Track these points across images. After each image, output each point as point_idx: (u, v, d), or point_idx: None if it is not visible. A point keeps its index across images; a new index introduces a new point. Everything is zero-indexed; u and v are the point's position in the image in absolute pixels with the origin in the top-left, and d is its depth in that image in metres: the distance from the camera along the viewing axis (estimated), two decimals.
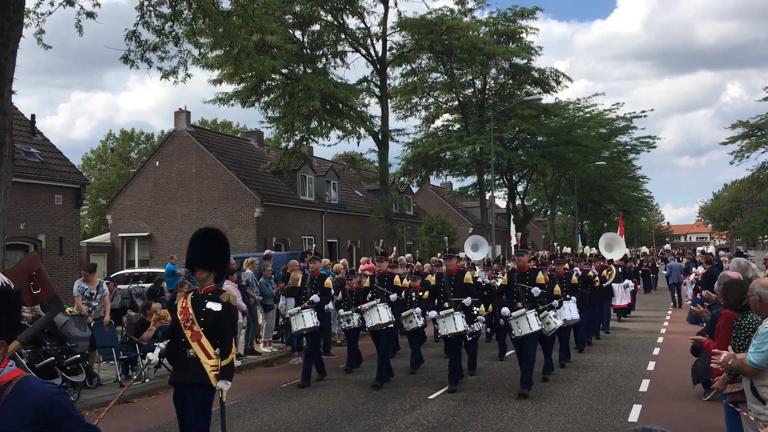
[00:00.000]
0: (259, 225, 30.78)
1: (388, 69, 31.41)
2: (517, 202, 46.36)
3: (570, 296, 12.83)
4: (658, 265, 36.15)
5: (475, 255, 17.99)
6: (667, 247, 53.48)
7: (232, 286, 13.39)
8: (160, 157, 33.08)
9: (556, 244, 24.23)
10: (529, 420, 8.67)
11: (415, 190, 50.01)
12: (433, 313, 10.73)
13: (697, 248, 31.92)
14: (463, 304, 10.50)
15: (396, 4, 29.76)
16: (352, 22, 29.87)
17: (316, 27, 29.26)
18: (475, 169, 38.58)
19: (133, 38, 13.90)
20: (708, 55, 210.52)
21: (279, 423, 8.85)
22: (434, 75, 35.82)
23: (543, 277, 10.43)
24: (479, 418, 8.79)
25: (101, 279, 12.31)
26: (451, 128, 38.84)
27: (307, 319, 11.17)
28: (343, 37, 29.75)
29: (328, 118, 27.50)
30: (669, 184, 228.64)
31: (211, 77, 27.36)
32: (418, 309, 12.01)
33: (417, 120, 39.90)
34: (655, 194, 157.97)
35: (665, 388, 10.50)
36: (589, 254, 19.48)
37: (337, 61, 30.43)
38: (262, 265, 15.13)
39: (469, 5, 33.23)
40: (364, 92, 30.39)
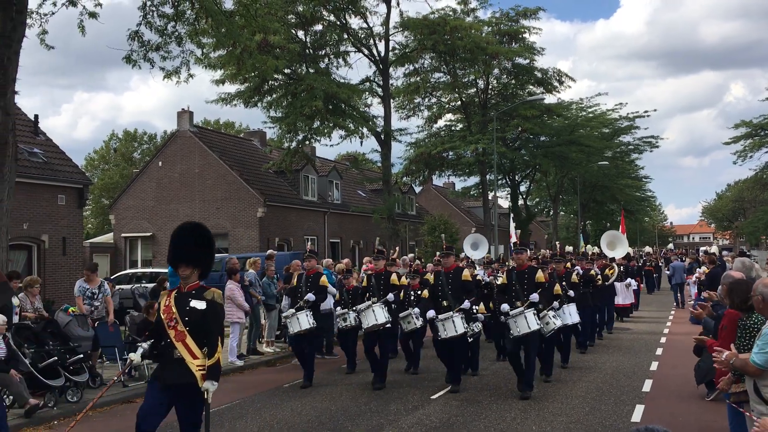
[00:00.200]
0: (261, 225, 30.81)
1: (391, 69, 31.42)
2: (520, 202, 46.32)
3: (570, 295, 12.57)
4: (660, 265, 36.08)
5: (474, 254, 17.98)
6: (671, 247, 53.32)
7: (235, 286, 13.43)
8: (163, 158, 33.15)
9: (557, 243, 24.19)
10: (532, 420, 8.66)
11: (417, 190, 50.01)
12: (431, 312, 10.46)
13: (700, 248, 31.87)
14: (462, 308, 10.29)
15: (398, 4, 29.90)
16: (355, 22, 29.93)
17: (318, 27, 29.31)
18: (478, 169, 38.57)
19: (136, 38, 13.93)
20: (711, 55, 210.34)
21: (282, 423, 8.85)
22: (437, 75, 35.88)
23: (543, 275, 10.29)
24: (482, 418, 8.79)
25: (102, 279, 12.31)
26: (453, 128, 38.86)
27: (303, 321, 10.97)
28: (346, 37, 29.78)
29: (331, 118, 27.53)
30: (672, 184, 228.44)
31: (213, 77, 27.46)
32: (417, 309, 11.63)
33: (420, 120, 39.89)
34: (658, 194, 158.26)
35: (668, 389, 10.48)
36: (591, 253, 19.41)
37: (340, 61, 30.49)
38: (265, 265, 15.14)
39: (472, 5, 33.30)
40: (367, 92, 30.43)
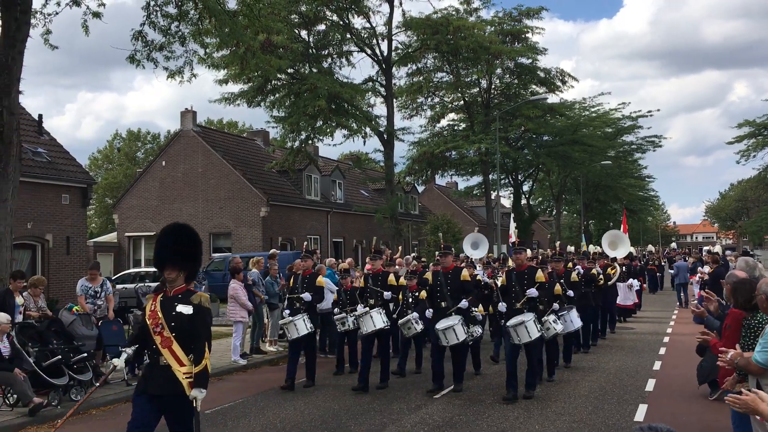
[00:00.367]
0: (264, 224, 30.86)
1: (394, 68, 31.47)
2: (523, 201, 46.31)
3: (570, 295, 12.31)
4: (663, 264, 36.02)
5: (474, 253, 17.80)
6: (673, 246, 53.16)
7: (239, 285, 13.46)
8: (166, 157, 33.22)
9: (557, 243, 24.07)
10: (535, 419, 8.67)
11: (420, 189, 50.03)
12: (430, 311, 10.29)
13: (704, 248, 31.80)
14: (460, 308, 10.10)
15: (401, 4, 30.01)
16: (358, 22, 29.99)
17: (321, 27, 29.38)
18: (481, 169, 38.58)
19: (140, 38, 13.97)
20: (714, 55, 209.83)
21: (285, 422, 8.87)
22: (440, 74, 35.93)
23: (542, 275, 10.09)
24: (484, 417, 8.79)
25: (104, 277, 12.35)
26: (456, 128, 38.87)
27: (300, 327, 10.75)
28: (349, 36, 29.82)
29: (334, 118, 27.58)
30: (675, 184, 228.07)
31: (217, 77, 27.55)
32: (416, 314, 11.30)
33: (422, 119, 40.07)
34: (661, 194, 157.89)
35: (671, 388, 10.47)
36: (593, 252, 19.29)
37: (343, 60, 30.54)
38: (268, 265, 15.16)
39: (475, 5, 33.35)
40: (370, 92, 30.46)
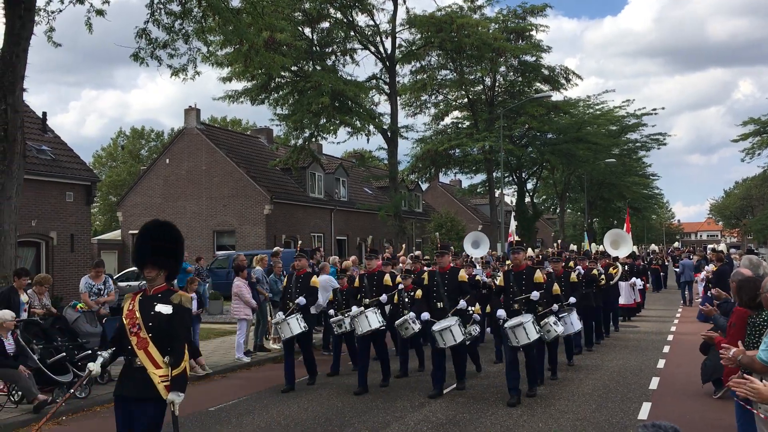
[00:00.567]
0: (268, 222, 30.88)
1: (398, 66, 31.44)
2: (527, 199, 46.26)
3: (570, 297, 12.04)
4: (667, 263, 35.92)
5: (475, 252, 17.64)
6: (677, 245, 53.05)
7: (243, 283, 13.47)
8: (170, 155, 33.27)
9: (556, 242, 23.83)
10: (538, 417, 8.67)
11: (424, 187, 50.02)
12: (426, 315, 9.95)
13: (708, 246, 31.73)
14: (458, 309, 9.81)
15: (405, 2, 29.85)
16: (362, 20, 29.97)
17: (325, 24, 29.35)
18: (485, 167, 38.55)
19: (144, 36, 13.99)
20: (719, 52, 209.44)
21: (289, 419, 8.88)
22: (443, 72, 35.87)
23: (541, 275, 9.84)
24: (488, 416, 8.79)
25: (107, 275, 12.39)
26: (460, 125, 38.85)
27: (294, 326, 10.56)
28: (353, 34, 29.80)
29: (337, 116, 27.58)
30: (680, 182, 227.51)
31: (221, 75, 27.52)
32: (412, 314, 11.04)
33: (426, 117, 39.97)
34: (665, 192, 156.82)
35: (675, 386, 10.46)
36: (595, 252, 19.11)
37: (347, 58, 30.51)
38: (272, 262, 15.16)
39: (479, 2, 33.25)
40: (373, 89, 30.44)
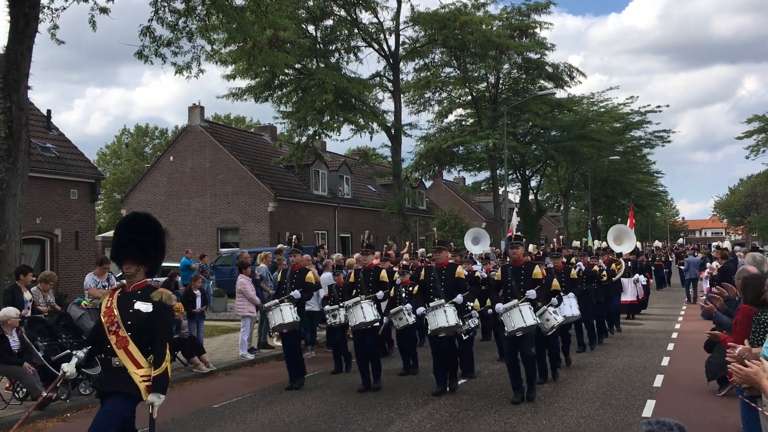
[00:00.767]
0: (272, 219, 30.91)
1: (401, 64, 31.38)
2: (531, 197, 46.19)
3: (569, 293, 11.85)
4: (671, 260, 35.84)
5: (475, 248, 17.55)
6: (681, 242, 52.99)
7: (247, 280, 13.48)
8: (174, 152, 33.31)
9: (556, 239, 23.69)
10: (542, 414, 8.67)
11: (428, 184, 49.98)
12: (421, 309, 9.80)
13: (713, 243, 31.64)
14: (455, 303, 9.60)
15: None
16: (365, 17, 29.91)
17: (329, 22, 29.30)
18: (488, 164, 38.48)
19: (148, 34, 13.97)
20: (724, 49, 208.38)
21: (293, 416, 8.90)
22: (447, 70, 35.78)
23: (540, 271, 9.59)
24: (492, 413, 8.79)
25: (110, 272, 12.44)
26: (464, 123, 38.77)
27: (286, 314, 10.26)
28: (356, 31, 29.76)
29: (341, 113, 27.56)
30: (684, 179, 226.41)
31: (224, 72, 27.51)
32: (409, 306, 10.93)
33: (430, 115, 39.91)
34: (670, 189, 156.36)
35: (680, 384, 10.44)
36: (597, 248, 18.96)
37: (350, 56, 30.47)
38: (276, 259, 15.17)
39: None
40: (377, 87, 30.42)
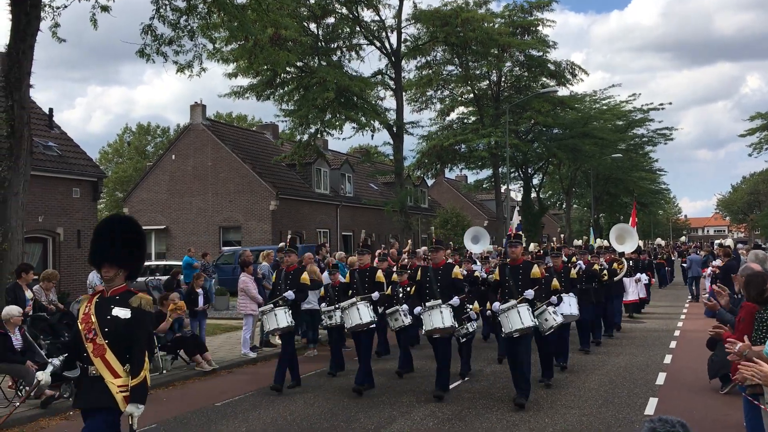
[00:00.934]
0: (274, 218, 30.92)
1: (403, 61, 31.38)
2: (533, 194, 46.15)
3: (569, 293, 11.67)
4: (673, 259, 35.77)
5: (474, 247, 17.43)
6: (683, 240, 52.89)
7: (249, 278, 13.48)
8: (176, 151, 33.33)
9: (555, 237, 23.61)
10: (544, 412, 8.66)
11: (430, 183, 49.94)
12: (418, 309, 9.57)
13: (715, 241, 31.57)
14: (452, 305, 9.32)
15: None
16: (367, 15, 29.90)
17: (330, 20, 29.29)
18: (491, 162, 38.45)
19: (149, 32, 13.97)
20: (727, 46, 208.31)
21: (295, 414, 8.91)
22: (449, 67, 35.79)
23: (538, 271, 9.38)
24: (494, 411, 8.79)
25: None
26: (466, 121, 38.74)
27: (281, 318, 10.15)
28: (358, 29, 29.75)
29: (343, 111, 27.55)
30: (687, 177, 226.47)
31: (226, 71, 27.55)
32: (405, 306, 10.75)
33: (432, 113, 39.99)
34: (672, 187, 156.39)
35: (682, 382, 10.43)
36: (598, 246, 18.77)
37: (352, 54, 30.47)
38: (278, 258, 15.17)
39: None
40: (379, 85, 30.41)
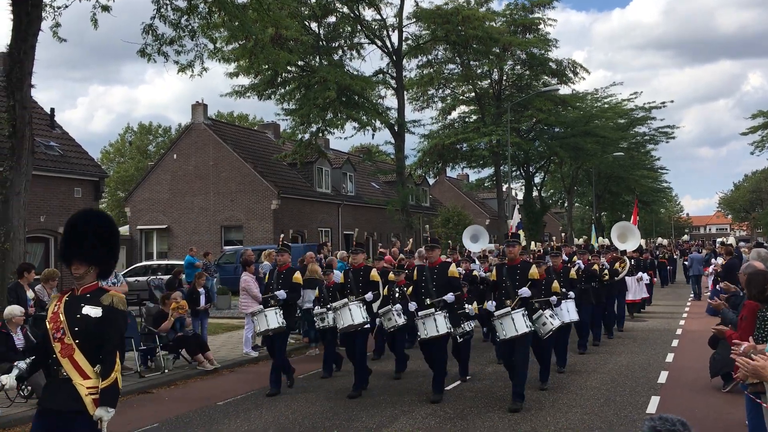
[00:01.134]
0: (276, 217, 30.93)
1: (404, 60, 31.37)
2: (534, 193, 46.13)
3: (568, 293, 11.45)
4: (675, 257, 35.69)
5: (473, 246, 17.38)
6: (685, 238, 52.86)
7: (250, 278, 13.48)
8: (177, 150, 33.35)
9: (554, 237, 23.52)
10: (546, 411, 8.66)
11: (431, 181, 49.96)
12: (413, 305, 9.46)
13: (717, 239, 31.54)
14: (445, 301, 9.19)
15: None
16: (368, 14, 29.90)
17: (331, 19, 29.27)
18: (492, 161, 38.44)
19: (150, 32, 13.99)
20: (729, 44, 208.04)
21: (296, 413, 8.91)
22: (450, 66, 35.76)
23: (537, 271, 9.12)
24: (496, 410, 8.79)
25: (114, 270, 12.44)
26: (467, 119, 38.71)
27: (271, 319, 10.03)
28: (359, 28, 29.73)
29: (344, 110, 27.54)
30: (689, 175, 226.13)
31: (227, 70, 27.52)
32: (398, 306, 10.70)
33: (433, 111, 39.95)
34: (674, 185, 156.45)
35: (684, 380, 10.42)
36: (599, 245, 18.64)
37: (353, 53, 30.46)
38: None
39: None
40: (380, 84, 30.39)
